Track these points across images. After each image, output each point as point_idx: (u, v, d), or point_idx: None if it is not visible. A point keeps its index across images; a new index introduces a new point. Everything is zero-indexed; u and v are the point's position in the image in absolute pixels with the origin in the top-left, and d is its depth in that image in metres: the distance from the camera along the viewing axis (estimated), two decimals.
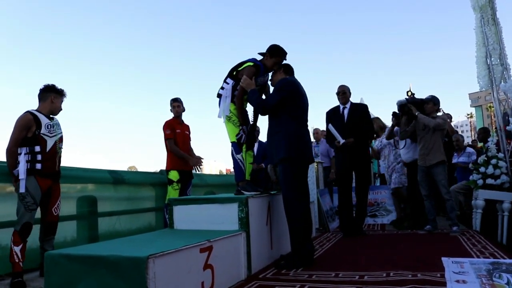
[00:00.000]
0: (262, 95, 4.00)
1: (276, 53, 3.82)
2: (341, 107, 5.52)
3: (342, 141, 5.26)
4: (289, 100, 3.62)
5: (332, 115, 5.57)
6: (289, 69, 3.90)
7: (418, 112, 5.16)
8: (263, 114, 3.82)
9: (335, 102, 5.64)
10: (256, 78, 3.83)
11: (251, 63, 3.82)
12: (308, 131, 3.85)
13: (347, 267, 3.39)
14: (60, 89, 3.70)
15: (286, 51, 3.84)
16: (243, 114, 3.90)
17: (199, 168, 5.30)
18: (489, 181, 5.14)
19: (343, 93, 5.48)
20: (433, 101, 5.30)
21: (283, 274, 3.23)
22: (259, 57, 3.92)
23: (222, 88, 3.89)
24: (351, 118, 5.40)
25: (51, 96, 3.61)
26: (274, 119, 3.73)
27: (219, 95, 3.90)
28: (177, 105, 5.40)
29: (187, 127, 5.54)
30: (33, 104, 3.69)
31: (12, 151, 3.42)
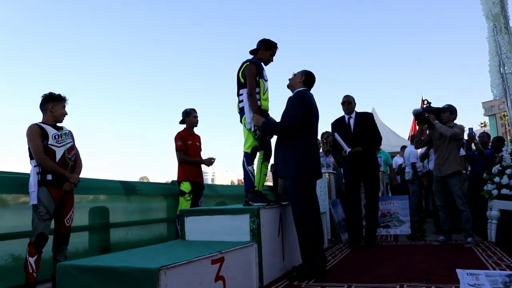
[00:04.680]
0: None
1: (270, 45, 3.98)
2: (347, 117, 5.49)
3: (348, 150, 5.23)
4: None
5: (338, 126, 5.53)
6: (311, 80, 3.88)
7: (436, 121, 5.11)
8: (296, 130, 3.62)
9: (340, 112, 5.63)
10: (261, 75, 3.87)
11: (248, 63, 3.85)
12: (317, 146, 3.82)
13: (360, 278, 3.34)
14: (58, 95, 3.66)
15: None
16: (255, 106, 3.77)
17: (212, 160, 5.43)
18: (504, 191, 5.06)
19: (349, 103, 5.46)
20: (450, 110, 5.25)
21: (295, 286, 3.21)
22: (250, 57, 3.97)
23: (241, 101, 3.83)
24: (358, 127, 5.36)
25: (50, 106, 3.60)
26: None
27: (241, 109, 3.84)
28: (196, 115, 5.43)
29: (198, 138, 5.56)
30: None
31: (42, 159, 3.41)
